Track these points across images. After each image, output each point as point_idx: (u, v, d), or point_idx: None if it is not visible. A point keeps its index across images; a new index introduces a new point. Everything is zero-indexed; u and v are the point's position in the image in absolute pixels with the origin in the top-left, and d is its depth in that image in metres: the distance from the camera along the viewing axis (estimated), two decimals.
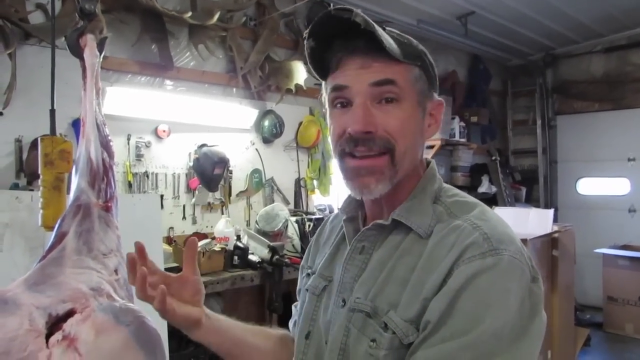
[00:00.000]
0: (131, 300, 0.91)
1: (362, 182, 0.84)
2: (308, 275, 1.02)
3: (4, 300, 0.70)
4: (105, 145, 1.02)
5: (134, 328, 0.75)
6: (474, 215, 0.82)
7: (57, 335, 0.69)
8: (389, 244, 0.86)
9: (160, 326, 0.89)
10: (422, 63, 0.86)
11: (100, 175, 0.96)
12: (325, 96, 0.90)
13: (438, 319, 0.73)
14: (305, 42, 0.86)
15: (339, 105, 0.86)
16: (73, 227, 0.85)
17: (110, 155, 1.04)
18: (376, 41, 0.79)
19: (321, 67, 0.88)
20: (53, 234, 0.89)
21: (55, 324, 0.71)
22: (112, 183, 1.03)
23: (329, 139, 0.92)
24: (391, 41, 0.81)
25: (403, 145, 0.83)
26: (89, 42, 0.97)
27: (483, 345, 0.69)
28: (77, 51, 1.00)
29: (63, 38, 2.55)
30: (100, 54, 1.01)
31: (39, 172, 1.08)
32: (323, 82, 0.91)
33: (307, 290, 0.98)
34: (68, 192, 1.03)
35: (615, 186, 5.52)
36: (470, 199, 0.89)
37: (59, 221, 0.90)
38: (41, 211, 1.08)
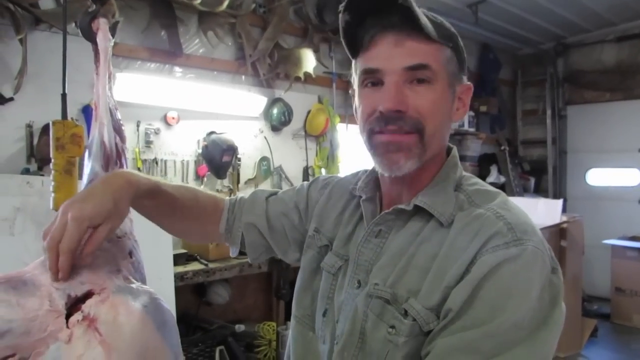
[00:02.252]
0: (145, 282, 0.92)
1: (392, 158, 0.83)
2: (325, 247, 1.00)
3: (23, 282, 0.71)
4: (117, 129, 1.03)
5: (151, 309, 0.76)
6: (496, 205, 0.82)
7: (77, 316, 0.70)
8: (409, 230, 0.86)
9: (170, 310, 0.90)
10: (454, 44, 0.86)
11: (113, 159, 0.96)
12: (354, 76, 0.89)
13: (460, 307, 0.73)
14: (340, 15, 0.84)
15: (369, 84, 0.85)
16: None
17: (123, 139, 1.05)
18: (411, 19, 0.78)
19: (353, 43, 0.86)
20: None
21: (74, 305, 0.72)
22: (125, 167, 1.03)
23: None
24: (426, 19, 0.81)
25: (432, 126, 0.83)
26: (102, 25, 0.97)
27: (504, 334, 0.70)
28: (90, 35, 0.99)
29: (74, 24, 2.56)
30: (113, 38, 1.01)
31: (51, 155, 1.07)
32: (353, 61, 0.90)
33: (322, 267, 0.98)
34: (79, 177, 1.04)
35: (626, 177, 5.47)
36: (491, 188, 0.89)
37: None
38: (52, 194, 1.08)
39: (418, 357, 0.77)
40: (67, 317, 0.71)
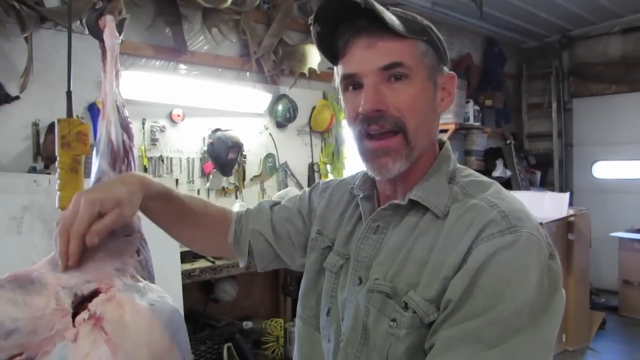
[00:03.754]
0: (152, 281, 0.92)
1: (380, 162, 0.86)
2: (328, 248, 1.01)
3: (30, 280, 0.71)
4: (125, 127, 1.02)
5: (158, 308, 0.76)
6: (490, 194, 0.83)
7: (83, 315, 0.70)
8: (406, 225, 0.87)
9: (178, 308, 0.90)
10: (428, 37, 0.86)
11: (121, 157, 0.96)
12: (337, 81, 0.92)
13: (459, 297, 0.73)
14: (311, 28, 0.87)
15: (350, 88, 0.88)
16: None
17: (130, 137, 1.05)
18: (378, 20, 0.80)
19: (331, 51, 0.89)
20: None
21: (80, 303, 0.72)
22: (132, 165, 1.03)
23: (345, 123, 0.93)
24: (394, 18, 0.82)
25: (414, 122, 0.84)
26: (109, 23, 0.97)
27: (505, 322, 0.70)
28: (97, 32, 0.99)
29: (78, 22, 2.55)
30: (120, 35, 1.01)
31: (56, 154, 1.08)
32: (335, 68, 0.92)
33: (325, 267, 0.99)
34: (85, 175, 1.04)
35: (632, 169, 5.44)
36: (485, 178, 0.90)
37: None
38: (58, 193, 1.08)
39: (420, 349, 0.77)
40: (74, 315, 0.71)
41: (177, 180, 3.18)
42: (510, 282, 0.72)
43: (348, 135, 4.08)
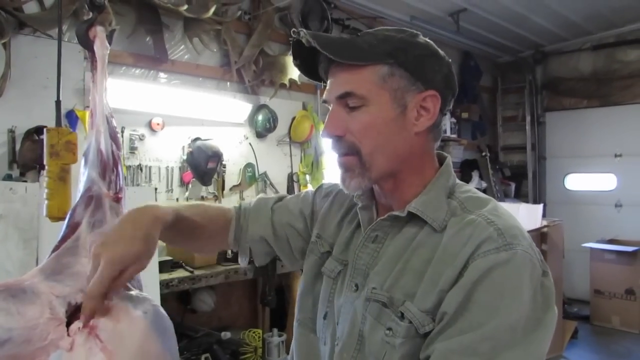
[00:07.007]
0: (142, 290, 0.92)
1: (342, 177, 0.91)
2: (327, 253, 1.02)
3: (22, 290, 0.71)
4: (113, 137, 1.03)
5: (150, 316, 0.76)
6: (487, 211, 0.85)
7: (78, 323, 0.70)
8: (404, 236, 0.89)
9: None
10: (397, 59, 0.86)
11: (110, 167, 0.96)
12: None
13: (455, 311, 0.75)
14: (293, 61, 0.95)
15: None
16: (86, 217, 0.86)
17: (118, 146, 1.05)
18: (345, 49, 0.85)
19: (317, 76, 0.96)
20: (65, 224, 0.89)
21: (74, 313, 0.72)
22: (121, 174, 1.03)
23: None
24: (347, 46, 0.87)
25: (369, 147, 0.87)
26: (99, 33, 0.97)
27: (500, 336, 0.72)
28: (87, 43, 1.00)
29: (56, 28, 2.51)
30: (110, 46, 1.01)
31: (45, 163, 1.08)
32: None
33: (323, 272, 1.01)
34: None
35: (603, 182, 5.59)
36: (483, 195, 0.93)
37: (70, 212, 0.91)
38: (46, 202, 1.08)
39: (415, 358, 0.79)
40: (68, 324, 0.71)
41: (155, 189, 3.14)
42: (504, 298, 0.74)
43: (327, 146, 4.12)
